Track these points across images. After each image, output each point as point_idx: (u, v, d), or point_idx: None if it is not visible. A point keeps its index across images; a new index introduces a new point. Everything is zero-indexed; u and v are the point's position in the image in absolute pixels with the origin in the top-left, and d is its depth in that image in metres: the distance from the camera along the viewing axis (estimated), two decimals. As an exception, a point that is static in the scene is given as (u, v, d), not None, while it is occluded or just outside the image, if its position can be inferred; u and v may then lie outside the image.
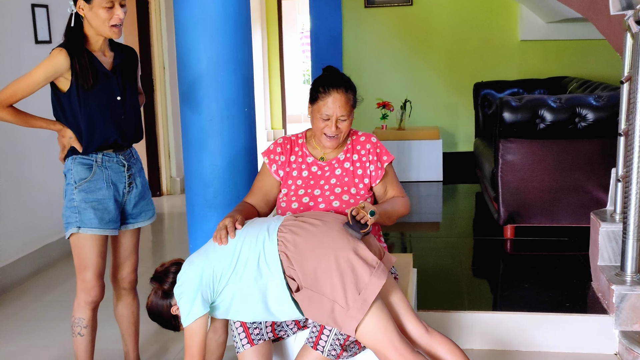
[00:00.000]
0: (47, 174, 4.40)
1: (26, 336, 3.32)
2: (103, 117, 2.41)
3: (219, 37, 2.93)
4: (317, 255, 2.12)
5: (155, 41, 6.28)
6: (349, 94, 2.41)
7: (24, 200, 4.19)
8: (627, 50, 3.11)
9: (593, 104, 3.86)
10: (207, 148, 3.00)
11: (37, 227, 4.32)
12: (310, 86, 2.48)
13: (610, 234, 3.12)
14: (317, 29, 6.92)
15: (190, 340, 2.16)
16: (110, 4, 2.30)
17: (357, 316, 2.07)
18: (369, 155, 2.50)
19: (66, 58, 2.31)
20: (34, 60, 4.18)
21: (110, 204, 2.46)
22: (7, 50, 4.02)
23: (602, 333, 2.92)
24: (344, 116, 2.40)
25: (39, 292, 3.95)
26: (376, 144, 2.54)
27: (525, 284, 3.40)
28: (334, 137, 2.43)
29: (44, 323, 3.47)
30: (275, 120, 10.50)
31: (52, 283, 4.10)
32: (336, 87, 2.39)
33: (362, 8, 7.07)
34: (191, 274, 2.16)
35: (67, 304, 3.66)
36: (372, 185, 2.50)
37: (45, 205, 4.39)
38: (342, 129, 2.42)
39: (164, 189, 6.53)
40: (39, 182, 4.33)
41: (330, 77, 2.44)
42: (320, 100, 2.40)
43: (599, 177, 3.94)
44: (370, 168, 2.49)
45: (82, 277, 2.47)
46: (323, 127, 2.42)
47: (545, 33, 6.77)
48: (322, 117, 2.40)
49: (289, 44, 11.18)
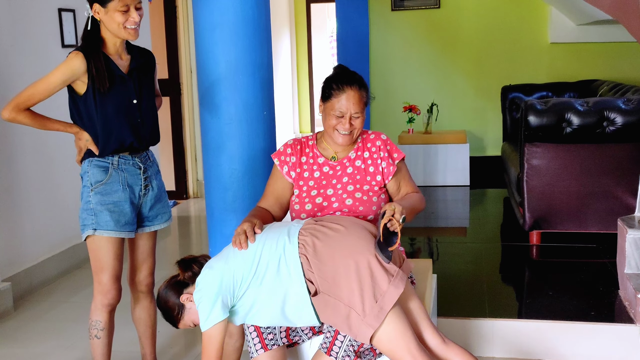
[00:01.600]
0: (74, 177, 4.40)
1: (53, 337, 3.35)
2: (119, 120, 2.41)
3: (237, 41, 2.92)
4: (337, 260, 2.09)
5: (183, 45, 6.32)
6: (362, 91, 2.39)
7: (52, 202, 4.24)
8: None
9: (622, 107, 3.76)
10: (226, 151, 2.98)
11: (65, 228, 4.37)
12: (322, 84, 2.45)
13: (638, 241, 3.03)
14: (344, 32, 6.89)
15: (208, 345, 2.14)
16: (125, 8, 2.30)
17: (374, 324, 2.03)
18: (379, 152, 2.47)
19: (83, 61, 2.32)
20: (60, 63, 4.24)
21: (126, 206, 2.46)
22: (34, 54, 4.07)
23: (627, 342, 2.84)
24: (358, 113, 2.37)
25: (66, 293, 3.99)
26: (386, 141, 2.50)
27: (550, 292, 3.32)
28: (347, 135, 2.40)
29: (69, 324, 3.50)
30: (303, 124, 10.50)
31: (79, 284, 4.13)
32: (350, 84, 2.36)
33: (389, 11, 7.02)
34: (211, 279, 2.13)
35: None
36: (384, 182, 2.45)
37: (72, 207, 4.42)
38: (355, 126, 2.39)
39: (190, 192, 6.56)
40: (66, 185, 4.37)
41: (343, 74, 2.41)
42: (334, 98, 2.37)
43: (628, 182, 3.83)
44: (382, 165, 2.45)
45: (98, 279, 2.47)
46: (336, 125, 2.38)
47: (576, 35, 6.65)
48: (335, 114, 2.37)
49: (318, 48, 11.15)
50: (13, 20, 3.89)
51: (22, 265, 3.96)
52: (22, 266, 3.96)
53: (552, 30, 6.73)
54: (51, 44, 4.25)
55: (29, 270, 3.98)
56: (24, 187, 3.99)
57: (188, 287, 2.24)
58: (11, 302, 3.70)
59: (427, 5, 6.94)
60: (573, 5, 5.84)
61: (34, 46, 4.07)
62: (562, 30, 6.69)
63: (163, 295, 2.25)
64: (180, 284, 2.24)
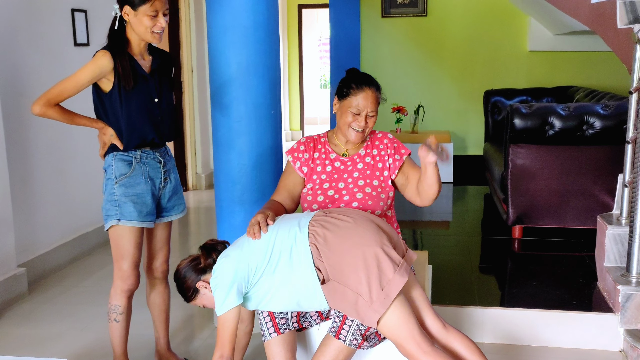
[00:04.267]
0: (87, 169, 4.42)
1: (65, 319, 3.34)
2: (142, 117, 2.41)
3: (249, 44, 2.92)
4: (345, 250, 2.11)
5: (185, 46, 6.30)
6: (378, 93, 2.43)
7: (63, 193, 4.22)
8: (636, 61, 3.07)
9: (600, 112, 3.83)
10: (236, 147, 2.99)
11: (76, 217, 4.35)
12: (339, 83, 2.47)
13: (617, 237, 3.08)
14: (337, 37, 6.91)
15: (223, 329, 2.16)
16: (154, 13, 2.31)
17: (380, 310, 2.06)
18: (387, 149, 2.50)
19: (110, 60, 2.32)
20: (73, 61, 4.23)
21: (148, 197, 2.47)
22: (48, 52, 4.04)
23: (607, 331, 2.88)
24: (373, 112, 2.41)
25: (77, 278, 3.98)
26: (393, 139, 2.54)
27: (534, 282, 3.37)
28: (360, 132, 2.43)
29: (80, 307, 3.50)
30: (294, 122, 10.52)
31: (89, 270, 4.12)
32: (369, 85, 2.40)
33: (379, 18, 7.04)
34: (227, 267, 2.15)
35: (103, 290, 3.71)
36: (391, 177, 2.48)
37: (84, 197, 4.42)
38: (369, 124, 2.43)
39: (190, 185, 6.55)
40: (79, 176, 4.36)
41: (362, 75, 2.44)
42: (352, 96, 2.40)
43: (605, 182, 3.90)
44: (389, 161, 2.48)
45: (119, 266, 2.47)
46: (352, 122, 2.41)
47: (553, 44, 6.72)
48: (352, 111, 2.39)
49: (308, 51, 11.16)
50: (29, 20, 3.86)
51: (36, 252, 3.94)
52: (36, 253, 3.94)
53: (531, 39, 6.80)
54: (64, 43, 4.22)
55: (42, 257, 3.97)
56: (38, 179, 3.97)
57: (205, 274, 2.25)
58: (26, 286, 3.68)
59: (414, 13, 6.96)
60: (551, 16, 5.89)
61: (48, 44, 4.05)
62: (540, 40, 6.76)
63: (182, 274, 2.27)
64: (199, 269, 2.26)
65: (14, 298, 3.57)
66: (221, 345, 2.16)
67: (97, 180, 4.46)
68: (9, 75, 3.67)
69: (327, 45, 13.63)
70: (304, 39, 10.49)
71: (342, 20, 6.89)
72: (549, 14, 5.83)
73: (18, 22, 3.77)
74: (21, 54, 3.80)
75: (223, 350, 2.16)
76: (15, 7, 3.75)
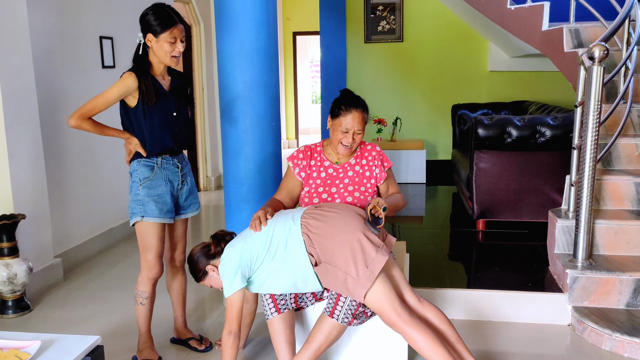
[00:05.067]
0: (112, 172, 4.40)
1: (94, 303, 3.32)
2: (163, 128, 2.41)
3: (252, 65, 2.93)
4: (334, 237, 2.13)
5: (197, 68, 6.28)
6: (365, 114, 2.42)
7: (93, 193, 4.20)
8: (580, 80, 3.10)
9: (550, 123, 3.85)
10: (242, 154, 2.99)
11: (103, 214, 4.33)
12: (332, 104, 2.46)
13: (565, 228, 3.10)
14: (326, 59, 6.92)
15: (230, 308, 2.17)
16: (173, 39, 2.30)
17: (366, 284, 2.08)
18: (374, 160, 2.50)
19: (135, 80, 2.31)
20: (101, 81, 4.21)
21: (168, 197, 2.46)
22: (80, 73, 4.02)
23: (557, 308, 2.91)
24: (360, 130, 2.40)
25: (104, 267, 3.96)
26: (380, 152, 2.54)
27: (495, 267, 3.38)
28: (348, 147, 2.43)
29: (108, 292, 3.48)
30: (289, 132, 10.51)
31: (115, 260, 4.10)
32: (356, 106, 2.39)
33: (362, 43, 7.06)
34: (233, 255, 2.16)
35: (127, 278, 3.69)
36: (377, 185, 2.50)
37: (110, 197, 4.39)
38: (356, 141, 2.43)
39: (201, 186, 6.53)
40: (105, 179, 4.34)
41: (351, 97, 2.43)
42: (341, 116, 2.39)
43: (554, 182, 3.93)
44: (375, 171, 2.49)
45: (145, 257, 2.46)
46: (341, 138, 2.41)
47: (510, 65, 6.76)
48: (342, 129, 2.39)
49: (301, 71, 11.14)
50: (63, 45, 3.84)
51: (69, 244, 3.92)
52: (70, 245, 3.92)
53: (491, 61, 6.84)
54: (93, 65, 4.20)
55: (75, 249, 3.95)
56: (71, 181, 3.95)
57: (214, 259, 2.27)
58: (62, 274, 3.66)
59: (392, 39, 6.99)
60: (508, 41, 5.94)
61: (80, 67, 4.03)
62: (498, 61, 6.80)
63: (195, 257, 2.31)
64: (209, 255, 2.29)
65: (51, 284, 3.55)
66: (230, 322, 2.17)
67: (120, 183, 4.47)
68: (46, 92, 3.65)
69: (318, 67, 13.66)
70: (298, 61, 10.49)
71: (330, 45, 6.89)
72: (506, 39, 5.88)
73: (54, 47, 3.75)
74: (56, 74, 3.78)
75: (231, 327, 2.17)
76: (52, 34, 3.73)
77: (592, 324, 2.70)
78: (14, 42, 3.23)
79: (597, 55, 2.75)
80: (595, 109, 2.78)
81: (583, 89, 3.10)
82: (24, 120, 3.31)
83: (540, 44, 4.22)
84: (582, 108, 3.07)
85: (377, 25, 6.96)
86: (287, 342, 2.28)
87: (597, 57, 2.75)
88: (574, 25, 3.85)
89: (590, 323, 2.71)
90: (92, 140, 4.11)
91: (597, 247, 3.04)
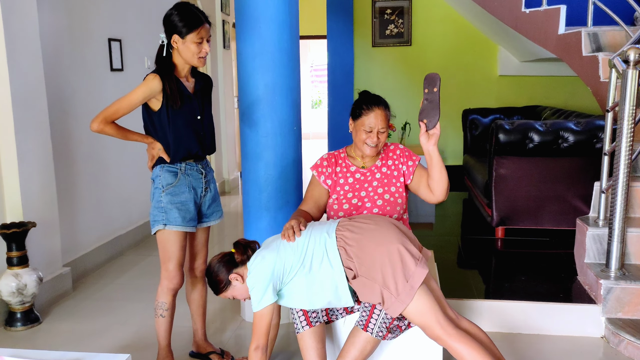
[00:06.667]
0: (120, 178, 4.30)
1: (105, 314, 3.20)
2: (187, 132, 2.31)
3: (275, 67, 2.84)
4: (372, 249, 2.04)
5: (211, 74, 6.18)
6: (387, 111, 2.35)
7: (101, 199, 4.09)
8: (611, 84, 3.02)
9: (574, 128, 3.78)
10: (263, 160, 2.90)
11: (111, 221, 4.22)
12: (352, 106, 2.39)
13: (596, 237, 3.02)
14: (334, 63, 6.84)
15: (260, 322, 2.07)
16: (200, 40, 2.21)
17: (406, 300, 1.99)
18: (400, 158, 2.42)
19: (159, 82, 2.22)
20: (109, 84, 4.11)
21: (191, 205, 2.36)
22: (88, 76, 3.92)
23: (590, 320, 2.82)
24: (384, 128, 2.33)
25: (112, 276, 3.84)
26: (404, 149, 2.46)
27: (522, 277, 3.29)
28: (374, 146, 2.34)
29: (118, 303, 3.36)
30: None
31: (123, 268, 3.99)
32: (377, 104, 2.32)
33: (370, 47, 6.99)
34: (265, 267, 2.06)
35: (137, 287, 3.58)
36: (406, 183, 2.40)
37: (118, 204, 4.29)
38: (381, 139, 2.34)
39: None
40: (113, 185, 4.23)
41: (371, 97, 2.36)
42: (364, 116, 2.31)
43: (577, 188, 3.85)
44: (402, 168, 2.40)
45: (166, 267, 2.36)
46: (365, 139, 2.33)
47: (519, 70, 6.70)
48: (365, 129, 2.31)
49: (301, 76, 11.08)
50: (72, 48, 3.74)
51: (77, 253, 3.80)
52: (78, 253, 3.80)
53: (501, 65, 6.78)
54: (102, 68, 4.10)
55: (83, 257, 3.83)
56: (79, 188, 3.84)
57: (238, 268, 2.15)
58: (70, 283, 3.54)
59: (400, 43, 6.92)
60: (519, 45, 5.88)
61: (88, 70, 3.92)
62: (508, 66, 6.74)
63: (215, 268, 2.15)
64: (232, 263, 2.15)
65: (60, 295, 3.43)
66: (258, 337, 2.07)
67: (128, 189, 4.36)
68: (54, 95, 3.55)
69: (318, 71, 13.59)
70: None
71: (338, 49, 6.82)
72: (518, 43, 5.82)
73: (62, 50, 3.64)
74: (65, 77, 3.67)
75: (259, 342, 2.07)
76: (60, 37, 3.62)
77: (629, 337, 2.61)
78: (23, 44, 3.12)
79: (632, 58, 2.68)
80: (630, 114, 2.71)
81: (614, 93, 3.03)
82: (34, 125, 3.21)
83: (556, 48, 4.15)
84: (614, 113, 3.00)
85: (385, 29, 6.89)
86: (319, 356, 2.18)
87: (633, 60, 2.68)
88: (592, 29, 3.79)
89: (626, 335, 2.62)
90: (100, 144, 4.00)
91: (628, 256, 2.97)
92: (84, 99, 3.81)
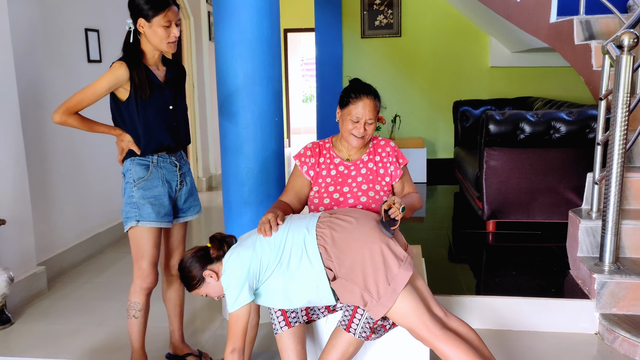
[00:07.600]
0: (98, 173, 4.17)
1: (81, 314, 3.09)
2: (158, 123, 2.19)
3: (254, 56, 2.72)
4: (352, 249, 1.93)
5: (187, 64, 6.05)
6: (376, 101, 2.22)
7: (78, 196, 3.96)
8: (605, 72, 2.93)
9: (566, 118, 3.69)
10: (243, 152, 2.79)
11: (89, 219, 4.09)
12: (341, 93, 2.27)
13: (589, 230, 2.93)
14: (322, 55, 6.72)
15: (235, 324, 1.95)
16: (167, 23, 2.09)
17: (388, 304, 1.88)
18: (389, 157, 2.31)
19: (126, 71, 2.09)
20: (86, 76, 3.97)
21: (165, 199, 2.24)
22: (64, 68, 3.78)
23: (583, 315, 2.74)
24: (371, 119, 2.21)
25: (91, 275, 3.72)
26: (394, 147, 2.35)
27: (513, 272, 3.20)
28: (360, 138, 2.23)
29: (95, 302, 3.25)
30: (281, 131, 10.31)
31: (102, 267, 3.87)
32: (366, 93, 2.19)
33: (359, 38, 6.87)
34: (240, 265, 1.94)
35: (115, 286, 3.47)
36: (392, 183, 2.30)
37: (96, 200, 4.16)
38: (368, 131, 2.23)
39: (192, 188, 6.30)
40: (91, 181, 4.10)
41: (360, 85, 2.23)
42: (351, 104, 2.19)
43: (569, 180, 3.77)
44: (390, 168, 2.29)
45: (139, 265, 2.24)
46: (352, 129, 2.21)
47: (511, 61, 6.61)
48: (352, 119, 2.20)
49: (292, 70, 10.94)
50: (46, 38, 3.60)
51: (53, 251, 3.68)
52: (54, 252, 3.68)
53: (492, 56, 6.68)
54: (78, 59, 3.97)
55: (59, 256, 3.71)
56: (55, 183, 3.71)
57: (213, 264, 2.02)
58: (45, 283, 3.42)
59: (390, 34, 6.81)
60: (510, 35, 5.79)
61: (64, 61, 3.79)
62: (499, 56, 6.65)
63: (188, 263, 2.02)
64: (207, 259, 2.02)
65: (34, 295, 3.31)
66: (234, 339, 1.96)
67: (107, 184, 4.23)
68: (28, 88, 3.41)
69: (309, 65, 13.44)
70: (289, 59, 10.28)
71: (326, 41, 6.70)
72: (510, 33, 5.72)
73: (36, 40, 3.51)
74: (39, 69, 3.54)
75: (235, 344, 1.96)
76: (34, 27, 3.49)
77: (624, 333, 2.53)
78: (-9, 32, 2.99)
79: (626, 43, 2.59)
80: (625, 102, 2.61)
81: (607, 81, 2.94)
82: (3, 118, 3.08)
83: (548, 36, 4.06)
84: (607, 101, 2.91)
85: (375, 20, 6.77)
86: (299, 358, 2.08)
87: (627, 45, 2.59)
88: (585, 17, 3.70)
89: (621, 332, 2.54)
90: (77, 138, 3.87)
91: (622, 250, 2.88)
92: (59, 92, 3.67)
